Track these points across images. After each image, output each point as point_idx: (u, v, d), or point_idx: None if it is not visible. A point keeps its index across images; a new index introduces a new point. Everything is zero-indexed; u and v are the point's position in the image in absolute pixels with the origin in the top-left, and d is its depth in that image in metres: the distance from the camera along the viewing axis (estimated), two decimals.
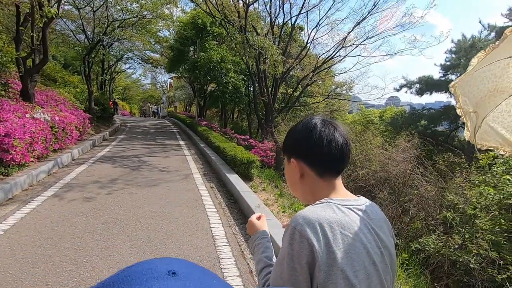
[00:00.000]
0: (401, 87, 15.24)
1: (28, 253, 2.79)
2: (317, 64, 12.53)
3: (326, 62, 12.72)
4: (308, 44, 12.56)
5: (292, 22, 12.11)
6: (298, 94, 14.77)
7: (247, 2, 9.94)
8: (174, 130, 15.92)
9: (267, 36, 10.61)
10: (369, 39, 11.73)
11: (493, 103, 1.30)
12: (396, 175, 5.66)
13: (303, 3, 11.24)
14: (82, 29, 13.22)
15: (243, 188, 4.79)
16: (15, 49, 6.90)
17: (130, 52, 19.50)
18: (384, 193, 5.24)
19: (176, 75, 22.09)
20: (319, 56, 13.24)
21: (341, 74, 20.68)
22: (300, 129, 0.82)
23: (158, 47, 19.10)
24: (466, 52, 12.45)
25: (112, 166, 6.51)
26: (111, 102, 18.62)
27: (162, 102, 35.79)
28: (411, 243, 3.76)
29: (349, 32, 11.60)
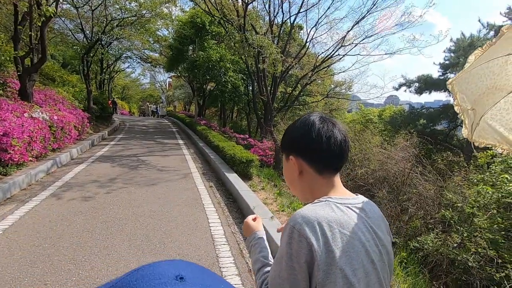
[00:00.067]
0: (400, 86, 15.24)
1: (27, 253, 2.79)
2: (316, 63, 12.52)
3: (325, 61, 12.71)
4: (307, 43, 12.56)
5: (291, 21, 12.10)
6: (297, 93, 14.77)
7: (246, 1, 9.92)
8: (173, 129, 15.91)
9: (266, 35, 10.59)
10: (368, 38, 11.76)
11: (492, 101, 1.30)
12: (395, 174, 5.67)
13: (302, 2, 11.23)
14: (81, 28, 13.20)
15: (242, 187, 4.79)
16: (13, 48, 6.89)
17: (129, 51, 19.46)
18: (383, 192, 5.24)
19: (175, 74, 22.07)
20: (318, 55, 13.24)
21: (340, 73, 20.75)
22: (299, 126, 0.82)
23: (157, 46, 19.06)
24: (465, 51, 12.44)
25: (111, 166, 6.50)
26: (110, 102, 18.58)
27: (161, 102, 35.79)
28: (410, 242, 3.76)
29: (348, 31, 11.61)
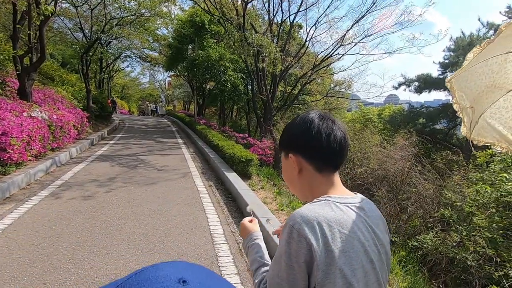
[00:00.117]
0: (400, 85, 15.23)
1: (26, 252, 2.78)
2: (316, 62, 12.52)
3: (325, 60, 12.71)
4: (307, 42, 12.56)
5: (291, 20, 12.11)
6: (297, 93, 14.77)
7: (246, 0, 9.91)
8: (173, 129, 15.90)
9: (266, 34, 10.58)
10: (368, 37, 11.77)
11: (491, 99, 1.29)
12: (394, 173, 5.67)
13: (302, 1, 11.25)
14: (80, 27, 13.19)
15: (242, 187, 4.79)
16: (12, 47, 6.87)
17: (128, 50, 19.44)
18: (383, 191, 5.25)
19: (175, 74, 22.07)
20: (318, 54, 13.23)
21: (340, 72, 20.78)
22: (298, 124, 0.81)
23: (157, 45, 19.05)
24: (465, 50, 12.43)
25: (110, 165, 6.50)
26: (110, 101, 18.55)
27: (161, 101, 35.76)
28: (409, 241, 3.76)
29: (348, 30, 11.61)
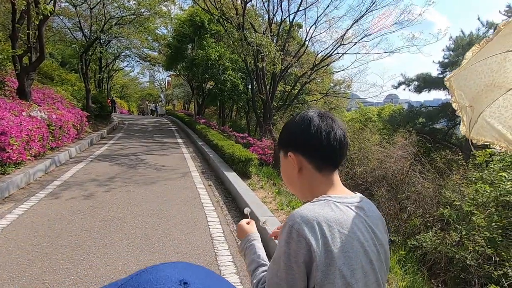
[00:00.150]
0: (400, 85, 15.24)
1: (25, 252, 2.78)
2: (316, 62, 12.51)
3: (325, 60, 12.70)
4: (307, 42, 12.55)
5: (290, 20, 12.09)
6: (297, 92, 14.76)
7: None
8: (173, 128, 15.89)
9: (265, 34, 10.57)
10: (368, 37, 11.76)
11: (490, 98, 1.29)
12: (394, 173, 5.67)
13: (301, 0, 11.22)
14: (79, 27, 13.17)
15: (241, 186, 4.79)
16: (11, 47, 6.86)
17: (128, 50, 19.40)
18: (382, 191, 5.25)
19: (174, 73, 22.05)
20: (318, 54, 13.23)
21: (340, 72, 20.71)
22: (298, 122, 0.80)
23: (156, 45, 19.00)
24: (464, 50, 12.44)
25: (110, 164, 6.49)
26: (109, 100, 18.54)
27: (161, 100, 35.75)
28: (409, 240, 3.76)
29: (348, 30, 11.59)
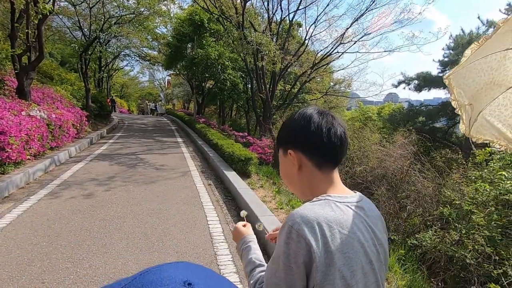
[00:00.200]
0: (399, 84, 15.21)
1: (25, 251, 2.78)
2: (315, 61, 12.50)
3: (324, 59, 12.69)
4: (306, 41, 12.55)
5: (290, 19, 12.08)
6: (296, 91, 14.75)
7: None
8: (172, 128, 15.88)
9: (265, 33, 10.56)
10: (367, 36, 11.79)
11: (490, 96, 1.29)
12: (394, 172, 5.66)
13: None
14: (79, 26, 13.14)
15: (241, 185, 4.79)
16: (11, 46, 6.84)
17: (128, 49, 19.38)
18: (382, 190, 5.24)
19: (174, 72, 22.02)
20: (317, 53, 13.22)
21: (340, 71, 20.74)
22: (297, 120, 0.80)
23: (156, 44, 18.98)
24: (464, 48, 12.18)
25: (110, 164, 6.49)
26: (109, 100, 18.53)
27: (160, 100, 35.73)
28: (408, 239, 3.76)
29: (347, 29, 11.60)
